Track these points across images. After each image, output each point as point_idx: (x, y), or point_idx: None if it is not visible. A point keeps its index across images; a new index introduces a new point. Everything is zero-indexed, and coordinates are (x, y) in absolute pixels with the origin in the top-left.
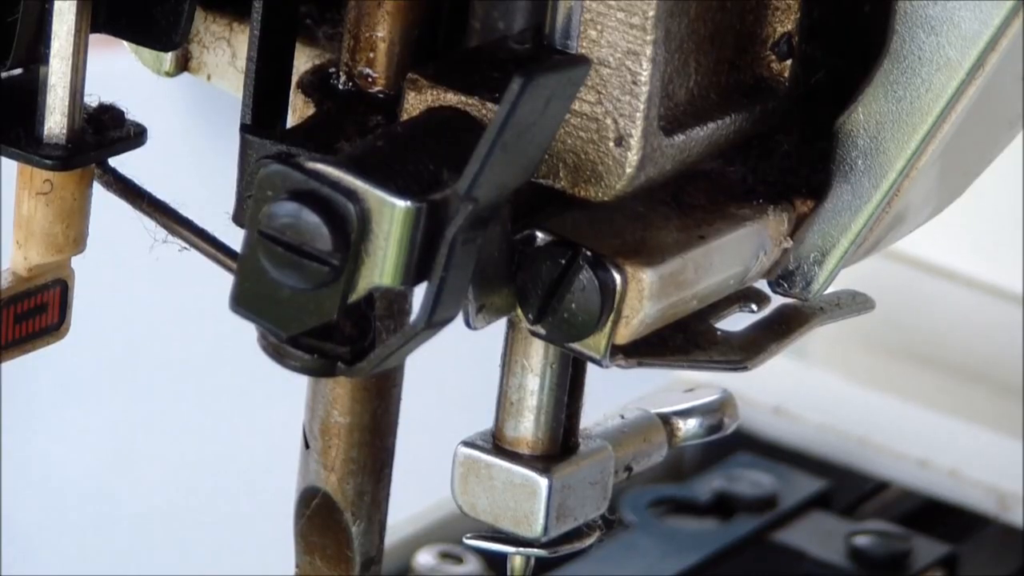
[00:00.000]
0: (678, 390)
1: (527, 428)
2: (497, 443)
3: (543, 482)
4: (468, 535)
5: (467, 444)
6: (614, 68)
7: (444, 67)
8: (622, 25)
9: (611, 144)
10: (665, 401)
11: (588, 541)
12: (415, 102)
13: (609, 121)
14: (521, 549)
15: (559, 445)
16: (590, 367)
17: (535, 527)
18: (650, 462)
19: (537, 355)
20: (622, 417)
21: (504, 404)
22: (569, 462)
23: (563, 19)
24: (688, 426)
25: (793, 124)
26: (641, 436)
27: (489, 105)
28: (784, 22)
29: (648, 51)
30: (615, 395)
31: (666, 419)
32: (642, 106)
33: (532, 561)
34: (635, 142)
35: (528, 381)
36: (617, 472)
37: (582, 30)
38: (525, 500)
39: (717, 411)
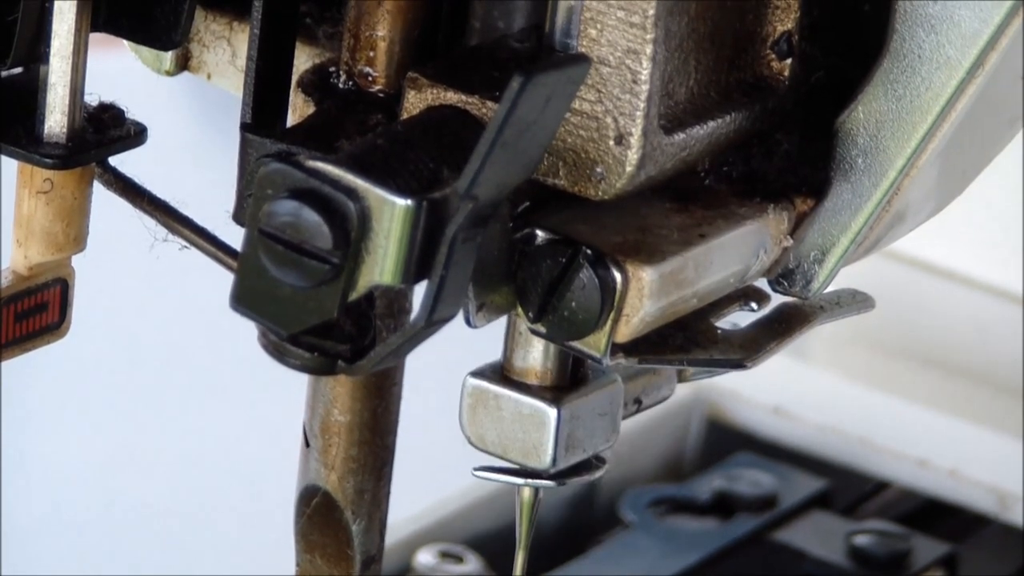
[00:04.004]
0: None
1: (536, 359)
2: (506, 374)
3: (552, 412)
4: (477, 467)
5: (476, 375)
6: (614, 67)
7: (444, 66)
8: (622, 24)
9: (611, 143)
10: None
11: (597, 473)
12: (415, 101)
13: (609, 120)
14: (529, 480)
15: (568, 376)
16: None
17: (544, 458)
18: (659, 395)
19: None
20: None
21: (513, 334)
22: (578, 393)
23: (563, 18)
24: None
25: (793, 123)
26: (651, 369)
27: (489, 104)
28: (784, 21)
29: (648, 50)
30: None
31: None
32: (642, 105)
33: (540, 494)
34: (635, 141)
35: None
36: (626, 404)
37: (582, 29)
38: (534, 431)
39: None
